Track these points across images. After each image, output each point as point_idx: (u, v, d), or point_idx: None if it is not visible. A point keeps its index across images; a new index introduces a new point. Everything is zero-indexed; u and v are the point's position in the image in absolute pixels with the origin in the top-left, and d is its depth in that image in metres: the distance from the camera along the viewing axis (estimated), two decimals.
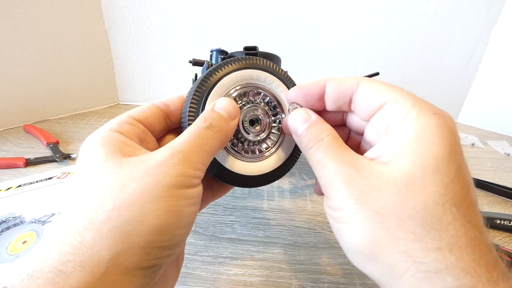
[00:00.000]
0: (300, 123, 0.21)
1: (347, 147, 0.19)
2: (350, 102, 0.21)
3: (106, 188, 0.16)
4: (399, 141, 0.17)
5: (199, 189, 0.18)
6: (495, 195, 0.48)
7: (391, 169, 0.16)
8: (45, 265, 0.14)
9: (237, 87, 0.24)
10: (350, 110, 0.21)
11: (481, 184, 0.49)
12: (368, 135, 0.20)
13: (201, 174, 0.18)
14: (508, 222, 0.39)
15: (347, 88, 0.20)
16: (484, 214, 0.40)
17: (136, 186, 0.16)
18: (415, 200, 0.15)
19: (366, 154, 0.18)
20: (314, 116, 0.21)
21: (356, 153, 0.19)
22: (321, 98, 0.22)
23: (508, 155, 0.62)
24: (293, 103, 0.23)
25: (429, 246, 0.14)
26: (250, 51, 0.27)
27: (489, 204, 0.46)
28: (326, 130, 0.20)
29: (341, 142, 0.19)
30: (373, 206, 0.16)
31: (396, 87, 0.19)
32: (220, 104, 0.21)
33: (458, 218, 0.15)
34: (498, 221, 0.39)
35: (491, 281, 0.14)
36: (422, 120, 0.16)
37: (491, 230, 0.40)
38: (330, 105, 0.22)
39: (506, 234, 0.40)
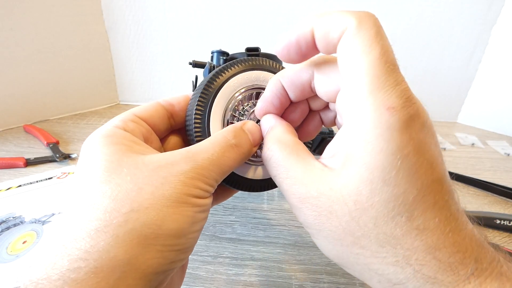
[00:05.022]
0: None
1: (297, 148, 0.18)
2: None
3: (121, 190, 0.15)
4: (349, 145, 0.15)
5: (210, 199, 0.19)
6: (495, 195, 0.48)
7: (340, 185, 0.15)
8: (52, 272, 0.13)
9: (242, 90, 0.23)
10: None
11: (481, 184, 0.49)
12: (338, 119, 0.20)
13: (213, 189, 0.19)
14: (508, 222, 0.39)
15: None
16: (484, 214, 0.41)
17: (154, 191, 0.16)
18: (365, 217, 0.15)
19: (326, 150, 0.18)
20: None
21: (308, 157, 0.18)
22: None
23: (508, 155, 0.62)
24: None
25: (387, 260, 0.15)
26: (252, 52, 0.27)
27: (489, 204, 0.46)
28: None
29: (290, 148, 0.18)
30: (329, 226, 0.16)
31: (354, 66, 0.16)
32: (249, 126, 0.21)
33: (412, 229, 0.14)
34: (498, 221, 0.39)
35: (458, 281, 0.14)
36: (372, 119, 0.14)
37: (490, 230, 0.40)
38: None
39: (506, 234, 0.40)
